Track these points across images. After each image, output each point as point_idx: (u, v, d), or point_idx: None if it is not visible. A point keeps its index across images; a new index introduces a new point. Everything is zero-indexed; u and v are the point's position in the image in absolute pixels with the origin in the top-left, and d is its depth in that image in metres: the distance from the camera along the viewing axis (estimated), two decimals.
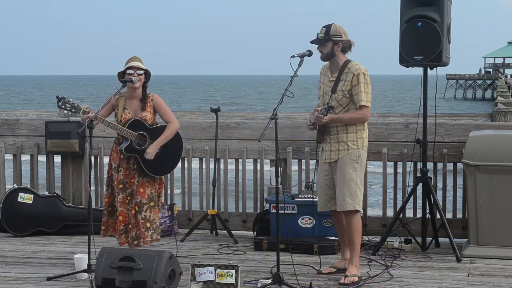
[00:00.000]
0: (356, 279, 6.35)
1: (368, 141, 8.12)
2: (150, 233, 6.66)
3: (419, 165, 7.80)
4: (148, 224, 6.64)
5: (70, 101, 6.51)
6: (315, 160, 8.28)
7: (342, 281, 6.35)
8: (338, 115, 6.43)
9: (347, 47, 6.51)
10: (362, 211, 6.57)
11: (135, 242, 6.62)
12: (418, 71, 7.56)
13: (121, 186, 6.62)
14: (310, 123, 6.53)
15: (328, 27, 6.48)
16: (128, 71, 6.59)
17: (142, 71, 6.62)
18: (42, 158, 9.07)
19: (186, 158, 8.51)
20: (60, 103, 6.50)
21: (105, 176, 7.06)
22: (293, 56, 6.42)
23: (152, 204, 6.67)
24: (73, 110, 6.51)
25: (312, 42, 6.51)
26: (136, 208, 6.59)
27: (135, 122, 6.61)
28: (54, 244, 7.91)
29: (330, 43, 6.47)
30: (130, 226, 6.62)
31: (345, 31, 6.52)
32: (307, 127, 6.60)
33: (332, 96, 6.47)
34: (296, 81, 6.58)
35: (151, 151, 6.57)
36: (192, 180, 8.72)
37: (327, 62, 6.59)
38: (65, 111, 6.54)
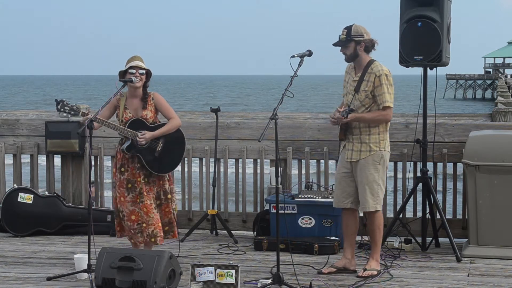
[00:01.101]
0: (375, 273, 6.49)
1: None
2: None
3: (419, 165, 7.80)
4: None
5: (68, 104, 6.53)
6: (315, 160, 8.31)
7: (360, 274, 6.49)
8: (361, 114, 6.48)
9: (370, 46, 6.53)
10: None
11: (153, 240, 6.65)
12: (418, 71, 7.56)
13: (129, 185, 6.65)
14: (333, 119, 6.56)
15: (349, 28, 6.51)
16: (130, 70, 6.61)
17: (143, 71, 6.64)
18: (42, 158, 9.07)
19: (186, 158, 8.50)
20: (59, 106, 6.52)
21: (109, 178, 7.09)
22: (293, 56, 6.43)
23: (158, 202, 6.75)
24: (72, 112, 6.52)
25: (334, 44, 6.55)
26: (144, 210, 6.63)
27: (136, 121, 6.63)
28: (54, 244, 7.90)
29: (353, 43, 6.50)
30: (144, 225, 6.63)
31: (366, 31, 6.54)
32: (330, 120, 6.59)
33: (355, 96, 6.51)
34: (297, 81, 6.59)
35: (147, 136, 6.57)
36: (192, 180, 8.72)
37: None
38: (64, 114, 6.55)
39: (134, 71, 6.59)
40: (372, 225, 6.61)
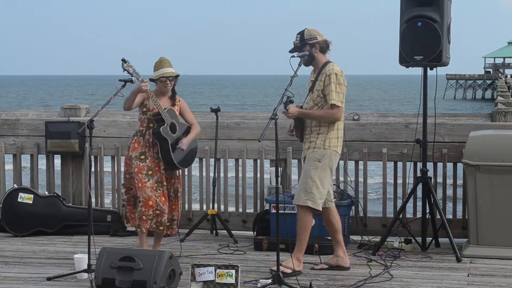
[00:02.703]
0: (288, 271, 6.43)
1: (368, 141, 8.15)
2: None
3: (419, 165, 7.80)
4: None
5: (133, 67, 6.64)
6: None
7: (273, 267, 6.40)
8: (309, 111, 6.59)
9: (324, 47, 6.64)
10: (317, 207, 6.58)
11: (161, 228, 6.86)
12: (418, 71, 7.56)
13: (150, 172, 6.80)
14: (289, 129, 6.74)
15: (301, 33, 6.64)
16: (161, 79, 6.82)
17: (173, 77, 6.87)
18: (42, 159, 9.06)
19: None
20: (125, 65, 6.61)
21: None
22: (293, 56, 6.50)
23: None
24: (134, 75, 6.63)
25: (290, 51, 6.65)
26: (162, 199, 6.81)
27: (171, 111, 6.87)
28: (54, 244, 7.90)
29: (307, 47, 6.62)
30: (158, 212, 6.80)
31: (319, 33, 6.66)
32: (288, 133, 6.81)
33: (309, 95, 6.63)
34: (297, 81, 6.61)
35: (185, 142, 6.90)
36: (192, 180, 8.72)
37: None
38: (127, 74, 6.66)
39: (164, 78, 6.82)
40: (299, 221, 6.61)
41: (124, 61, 6.62)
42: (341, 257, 6.76)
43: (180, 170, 7.13)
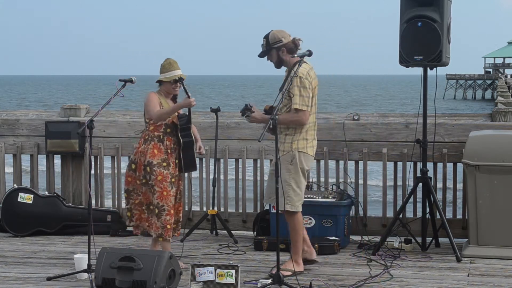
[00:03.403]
0: (289, 273, 6.38)
1: (368, 141, 8.15)
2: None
3: (419, 165, 7.80)
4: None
5: (185, 84, 6.73)
6: (315, 160, 8.29)
7: (273, 271, 6.33)
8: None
9: (293, 48, 6.56)
10: (298, 210, 6.59)
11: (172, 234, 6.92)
12: (418, 71, 7.56)
13: (173, 180, 6.79)
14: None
15: (267, 37, 6.58)
16: (172, 81, 6.76)
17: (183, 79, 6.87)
18: (42, 158, 9.06)
19: None
20: (184, 83, 6.71)
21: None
22: (293, 57, 6.45)
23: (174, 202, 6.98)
24: (185, 90, 6.70)
25: (259, 56, 6.62)
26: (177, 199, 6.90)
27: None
28: (54, 244, 7.91)
29: (274, 51, 6.57)
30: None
31: (284, 34, 6.57)
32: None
33: (279, 95, 6.52)
34: None
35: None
36: (192, 180, 8.72)
37: None
38: (178, 87, 6.78)
39: (174, 81, 6.77)
40: (289, 226, 6.60)
41: (183, 79, 6.69)
42: (305, 251, 6.77)
43: None
